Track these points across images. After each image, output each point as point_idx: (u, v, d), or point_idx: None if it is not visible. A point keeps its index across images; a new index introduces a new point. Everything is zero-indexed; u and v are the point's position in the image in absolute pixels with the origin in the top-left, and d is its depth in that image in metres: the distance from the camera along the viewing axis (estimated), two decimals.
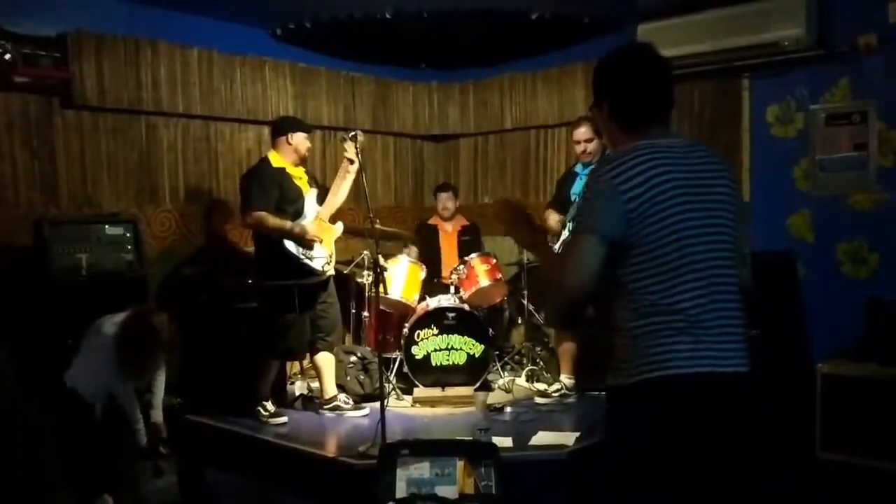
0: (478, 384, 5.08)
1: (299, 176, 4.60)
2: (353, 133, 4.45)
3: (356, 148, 4.38)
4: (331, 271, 4.64)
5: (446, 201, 6.07)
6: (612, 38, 5.68)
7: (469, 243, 5.94)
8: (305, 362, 5.27)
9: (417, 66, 6.68)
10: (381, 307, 5.15)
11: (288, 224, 4.40)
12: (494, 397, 4.99)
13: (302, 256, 4.42)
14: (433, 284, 5.61)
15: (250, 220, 4.41)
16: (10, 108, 4.57)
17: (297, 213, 4.49)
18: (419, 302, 5.33)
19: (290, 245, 4.38)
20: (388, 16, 5.32)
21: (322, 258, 4.54)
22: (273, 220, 4.36)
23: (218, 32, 5.43)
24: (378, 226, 4.38)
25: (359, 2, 5.17)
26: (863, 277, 4.72)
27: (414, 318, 5.18)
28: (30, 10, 4.48)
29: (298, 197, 4.53)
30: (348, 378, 5.01)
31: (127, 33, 4.97)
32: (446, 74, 6.85)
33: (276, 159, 4.52)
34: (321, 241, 4.54)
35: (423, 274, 5.36)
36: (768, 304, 4.73)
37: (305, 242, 4.45)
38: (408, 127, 6.80)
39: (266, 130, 5.71)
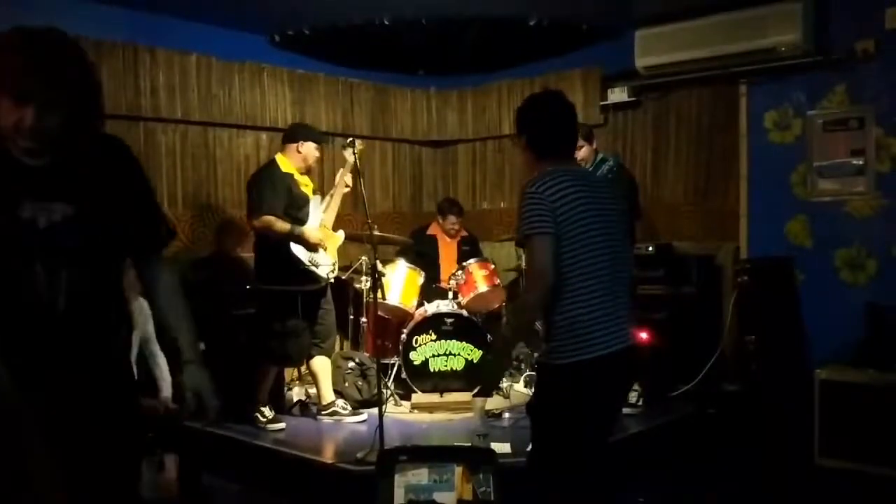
0: (476, 390, 5.08)
1: (305, 183, 4.61)
2: (350, 139, 4.47)
3: (355, 155, 4.39)
4: (332, 279, 4.65)
5: (454, 223, 6.01)
6: (610, 43, 5.70)
7: (469, 253, 5.92)
8: (303, 368, 5.26)
9: (416, 72, 6.69)
10: (380, 313, 5.15)
11: (296, 228, 4.40)
12: (493, 403, 4.98)
13: (308, 263, 4.43)
14: (431, 290, 5.60)
15: (259, 224, 4.39)
16: None
17: (302, 220, 4.50)
18: (417, 307, 5.33)
19: (296, 250, 4.39)
20: (386, 22, 5.33)
21: (327, 266, 4.55)
22: (281, 224, 4.36)
23: (216, 39, 5.44)
24: (376, 232, 4.39)
25: (357, 8, 5.18)
26: (861, 283, 4.72)
27: (412, 323, 5.18)
28: (28, 17, 4.47)
29: (305, 203, 4.54)
30: (346, 384, 5.01)
31: (125, 40, 4.97)
32: (445, 81, 6.86)
33: (285, 164, 4.54)
34: (325, 249, 4.55)
35: (421, 279, 5.36)
36: (766, 311, 4.76)
37: (312, 247, 4.45)
38: (406, 133, 6.81)
39: (264, 136, 5.73)
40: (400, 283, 5.23)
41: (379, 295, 4.40)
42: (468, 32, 5.58)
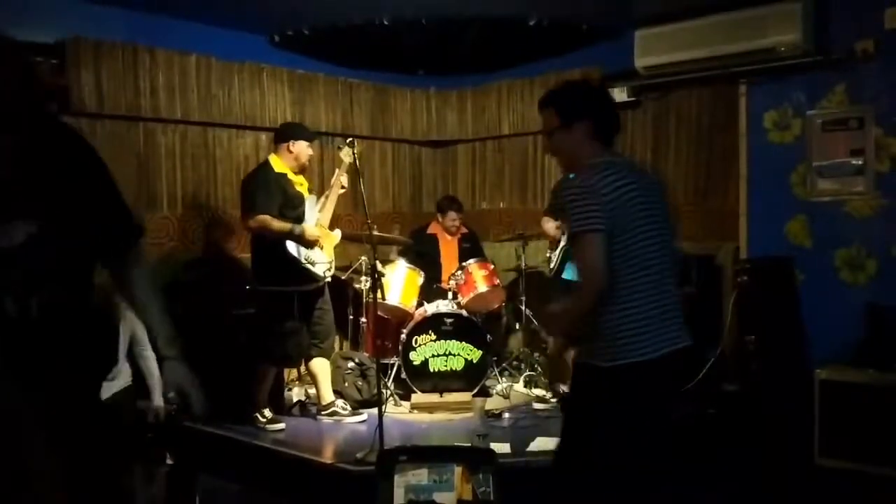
0: (476, 390, 5.08)
1: (300, 182, 4.62)
2: (349, 140, 4.47)
3: (354, 155, 4.39)
4: (329, 278, 4.65)
5: (455, 219, 5.99)
6: (610, 43, 5.70)
7: (469, 251, 5.93)
8: (302, 369, 5.26)
9: (415, 72, 6.69)
10: (379, 313, 5.15)
11: (296, 227, 4.40)
12: (492, 403, 4.99)
13: (304, 261, 4.43)
14: (431, 290, 5.60)
15: (254, 224, 4.40)
16: None
17: (298, 219, 4.50)
18: (417, 308, 5.33)
19: (292, 248, 4.39)
20: (386, 22, 5.33)
21: (324, 264, 4.55)
22: (277, 223, 4.37)
23: (216, 39, 5.44)
24: (376, 232, 4.40)
25: (357, 8, 5.18)
26: (860, 283, 4.72)
27: (412, 323, 5.18)
28: (28, 17, 4.48)
29: (300, 203, 4.54)
30: (346, 384, 5.01)
31: (125, 40, 4.97)
32: (444, 81, 6.86)
33: (278, 164, 4.54)
34: (321, 247, 4.55)
35: (421, 280, 5.36)
36: (766, 311, 4.76)
37: (309, 244, 4.45)
38: (406, 133, 6.81)
39: (264, 136, 5.73)
40: (400, 283, 5.23)
41: (379, 295, 4.41)
42: (468, 32, 5.58)
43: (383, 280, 4.74)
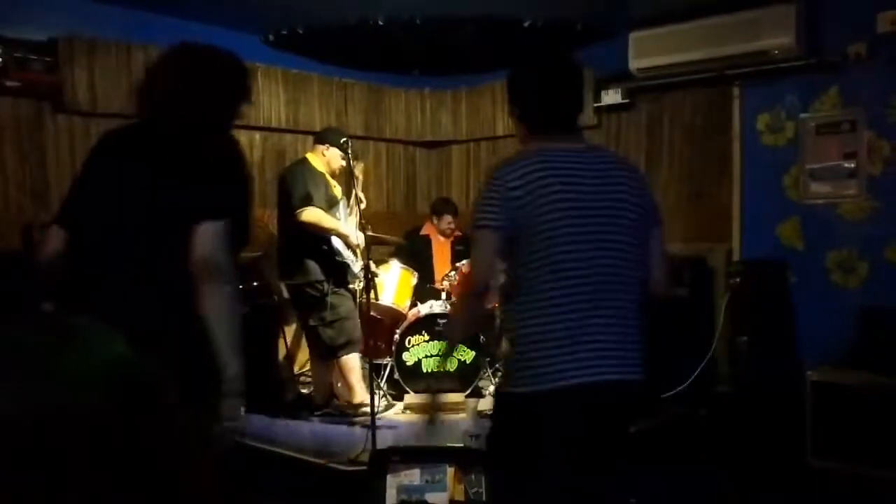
0: (469, 390, 5.08)
1: (334, 184, 4.64)
2: (343, 140, 4.47)
3: (349, 154, 4.39)
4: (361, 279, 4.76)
5: (450, 223, 5.99)
6: (604, 45, 5.71)
7: (463, 253, 5.91)
8: (296, 368, 5.25)
9: (410, 72, 6.69)
10: (373, 313, 5.14)
11: (342, 226, 4.45)
12: (485, 404, 4.97)
13: (349, 261, 4.51)
14: (424, 290, 5.60)
15: (308, 217, 4.35)
16: (1, 112, 4.54)
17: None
18: (410, 308, 5.32)
19: (339, 245, 4.43)
20: (380, 22, 5.32)
21: (359, 263, 4.62)
22: (330, 219, 4.37)
23: (210, 38, 5.34)
24: (370, 232, 4.40)
25: (351, 8, 5.18)
26: (852, 286, 4.74)
27: (405, 324, 5.17)
28: (21, 15, 4.47)
29: (335, 203, 4.56)
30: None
31: (119, 38, 4.96)
32: (439, 81, 6.86)
33: (317, 163, 4.59)
34: (359, 252, 4.63)
35: (414, 280, 5.36)
36: (758, 312, 4.77)
37: (352, 247, 4.54)
38: (400, 133, 6.80)
39: (258, 135, 5.74)
40: (393, 283, 5.23)
41: (372, 295, 4.41)
42: (462, 33, 5.59)
43: (377, 280, 4.74)
